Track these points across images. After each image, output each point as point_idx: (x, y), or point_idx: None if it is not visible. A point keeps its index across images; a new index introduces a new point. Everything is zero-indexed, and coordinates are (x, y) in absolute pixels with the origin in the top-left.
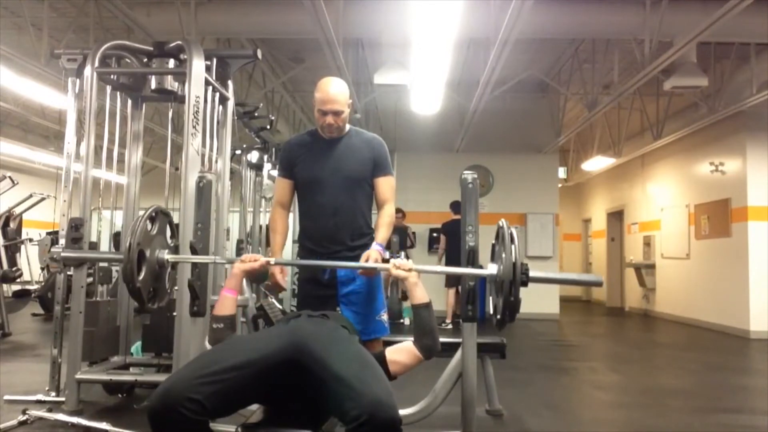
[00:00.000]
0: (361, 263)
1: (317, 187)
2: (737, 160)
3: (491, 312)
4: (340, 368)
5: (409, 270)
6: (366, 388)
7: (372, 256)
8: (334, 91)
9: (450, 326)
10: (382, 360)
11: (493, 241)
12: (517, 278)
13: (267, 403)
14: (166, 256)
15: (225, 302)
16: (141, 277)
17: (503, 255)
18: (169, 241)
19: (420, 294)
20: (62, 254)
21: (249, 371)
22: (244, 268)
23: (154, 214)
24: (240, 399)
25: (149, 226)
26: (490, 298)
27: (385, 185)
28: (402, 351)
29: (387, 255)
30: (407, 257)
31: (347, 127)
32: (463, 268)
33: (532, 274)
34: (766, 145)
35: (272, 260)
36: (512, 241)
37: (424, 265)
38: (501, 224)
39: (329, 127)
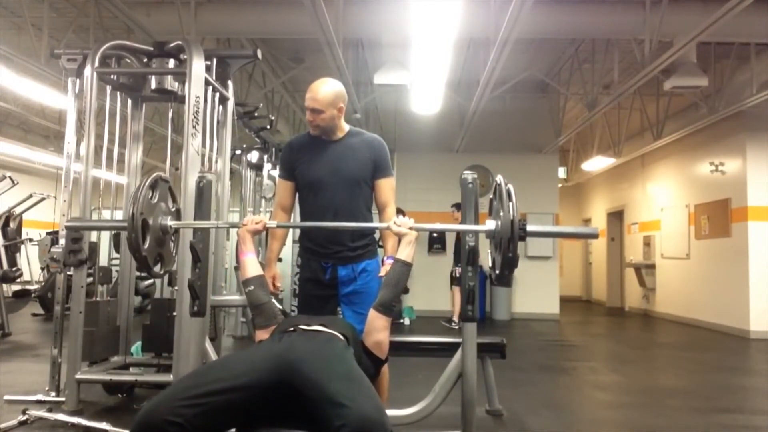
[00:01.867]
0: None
1: (317, 188)
2: (737, 160)
3: (490, 266)
4: (330, 388)
5: (410, 228)
6: (356, 406)
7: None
8: (318, 90)
9: (458, 327)
10: (367, 352)
11: (491, 196)
12: (515, 235)
13: (255, 423)
14: (169, 222)
15: (246, 265)
16: (146, 246)
17: (501, 212)
18: (170, 206)
19: (408, 252)
20: (66, 223)
21: (236, 395)
22: (249, 230)
23: (154, 182)
24: (226, 421)
25: (150, 194)
26: (489, 252)
27: (386, 187)
28: (371, 331)
29: (390, 261)
30: None
31: (347, 127)
32: (463, 225)
33: (529, 228)
34: (766, 145)
35: (272, 222)
36: (510, 197)
37: (423, 224)
38: (498, 181)
39: (309, 124)
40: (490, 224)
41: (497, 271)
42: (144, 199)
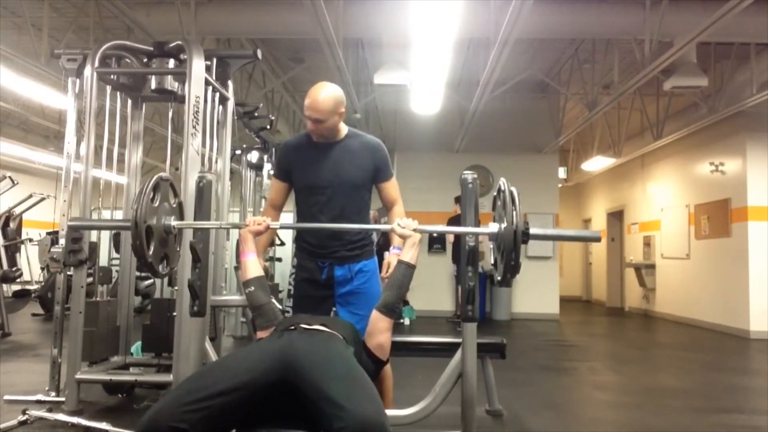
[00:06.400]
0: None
1: (315, 192)
2: (737, 160)
3: (492, 265)
4: (329, 388)
5: (413, 230)
6: (355, 408)
7: (392, 263)
8: (319, 98)
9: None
10: (368, 352)
11: (494, 194)
12: (518, 240)
13: (256, 424)
14: (173, 222)
15: (247, 266)
16: (151, 251)
17: (504, 216)
18: (172, 203)
19: (413, 254)
20: (69, 222)
21: (237, 395)
22: (252, 231)
23: (155, 184)
24: (228, 423)
25: (152, 196)
26: (492, 251)
27: (391, 188)
28: (373, 332)
29: (396, 251)
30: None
31: (345, 129)
32: (466, 228)
33: (532, 231)
34: (766, 145)
35: (276, 223)
36: (513, 202)
37: (427, 225)
38: (502, 186)
39: (312, 133)
40: (493, 227)
41: (499, 276)
42: (146, 205)
